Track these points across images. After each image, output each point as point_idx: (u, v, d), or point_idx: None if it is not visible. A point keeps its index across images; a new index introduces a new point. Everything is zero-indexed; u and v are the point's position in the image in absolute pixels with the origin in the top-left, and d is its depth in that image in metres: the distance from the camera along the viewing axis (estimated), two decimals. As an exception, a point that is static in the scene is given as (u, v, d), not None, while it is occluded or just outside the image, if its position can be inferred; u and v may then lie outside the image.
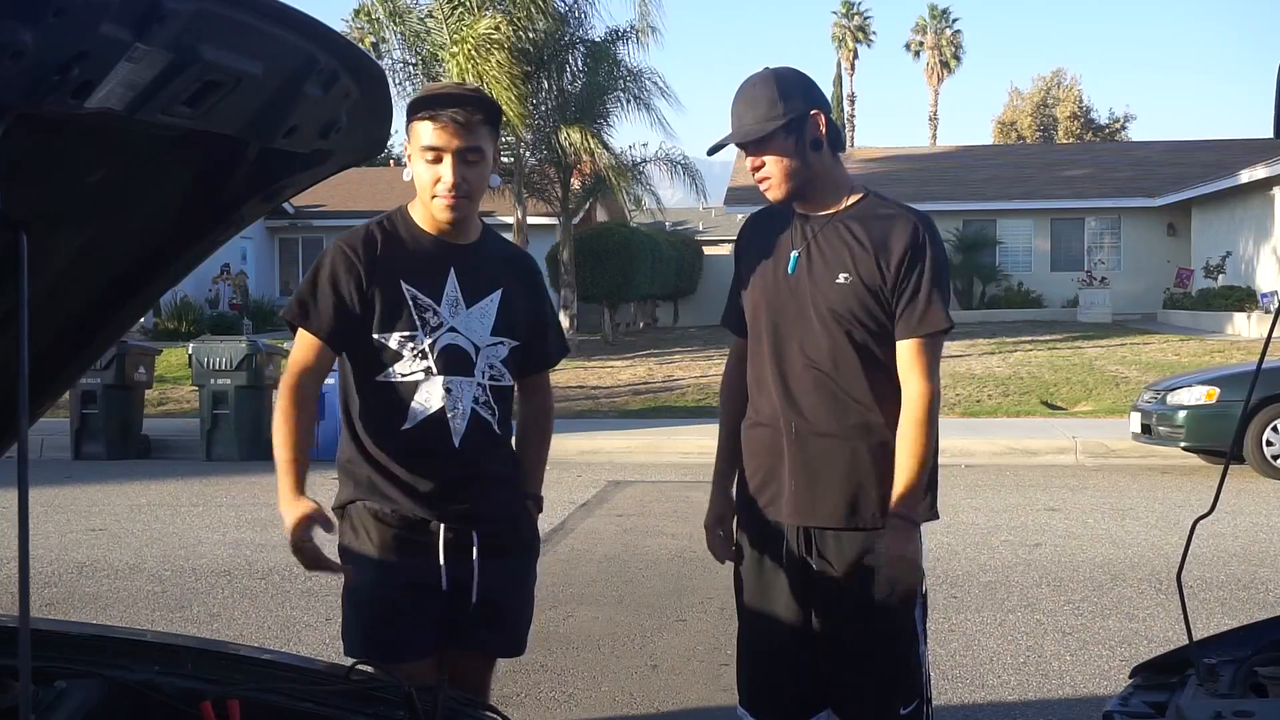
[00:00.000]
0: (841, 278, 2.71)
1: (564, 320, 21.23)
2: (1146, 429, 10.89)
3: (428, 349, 2.71)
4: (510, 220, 20.81)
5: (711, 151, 2.88)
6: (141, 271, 2.19)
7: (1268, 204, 22.84)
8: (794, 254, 2.78)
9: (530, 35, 18.73)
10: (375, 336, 2.70)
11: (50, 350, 2.21)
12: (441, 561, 2.71)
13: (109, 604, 6.36)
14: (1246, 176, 22.94)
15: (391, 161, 39.42)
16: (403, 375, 2.71)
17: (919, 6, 57.62)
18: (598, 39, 20.55)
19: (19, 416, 1.67)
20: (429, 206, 2.73)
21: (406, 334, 2.70)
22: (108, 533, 8.38)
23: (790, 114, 2.69)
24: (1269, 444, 10.24)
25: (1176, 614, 5.72)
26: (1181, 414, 10.49)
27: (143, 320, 22.47)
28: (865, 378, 2.73)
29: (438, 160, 2.66)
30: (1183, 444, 10.66)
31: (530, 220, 20.81)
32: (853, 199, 2.80)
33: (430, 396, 2.71)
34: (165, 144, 1.87)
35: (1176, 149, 33.28)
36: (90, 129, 1.68)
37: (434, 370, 2.71)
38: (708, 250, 33.90)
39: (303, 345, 2.72)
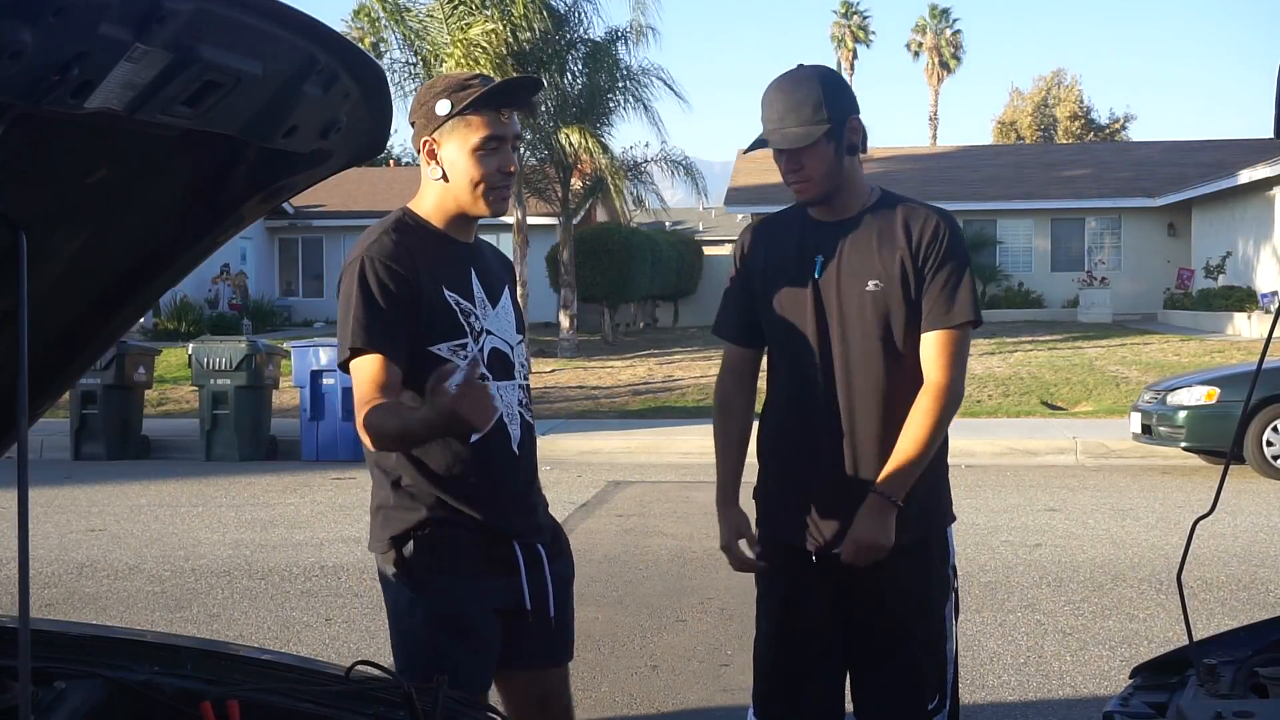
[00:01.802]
0: (871, 284, 2.68)
1: (564, 320, 21.23)
2: (1147, 429, 10.89)
3: (479, 356, 2.57)
4: (510, 220, 20.80)
5: (750, 149, 2.86)
6: (141, 271, 2.19)
7: (1268, 204, 22.83)
8: (818, 259, 2.74)
9: (528, 36, 18.72)
10: (430, 349, 2.52)
11: (50, 350, 2.21)
12: (524, 580, 2.61)
13: (109, 604, 6.36)
14: (1246, 177, 22.93)
15: (391, 161, 39.42)
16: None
17: (919, 6, 57.55)
18: (598, 38, 20.55)
19: (19, 416, 1.67)
20: (478, 201, 2.58)
21: (458, 343, 2.55)
22: (108, 533, 8.38)
23: (833, 119, 2.67)
24: (1269, 444, 10.24)
25: (1176, 614, 5.72)
26: (1182, 414, 10.49)
27: (143, 320, 22.46)
28: (898, 378, 2.68)
29: (497, 150, 2.54)
30: (1183, 444, 10.65)
31: (530, 220, 20.80)
32: (871, 200, 2.79)
33: None
34: (165, 144, 1.87)
35: (1176, 149, 33.26)
36: (90, 129, 1.68)
37: (488, 377, 2.58)
38: (708, 250, 33.93)
39: (375, 370, 2.44)
